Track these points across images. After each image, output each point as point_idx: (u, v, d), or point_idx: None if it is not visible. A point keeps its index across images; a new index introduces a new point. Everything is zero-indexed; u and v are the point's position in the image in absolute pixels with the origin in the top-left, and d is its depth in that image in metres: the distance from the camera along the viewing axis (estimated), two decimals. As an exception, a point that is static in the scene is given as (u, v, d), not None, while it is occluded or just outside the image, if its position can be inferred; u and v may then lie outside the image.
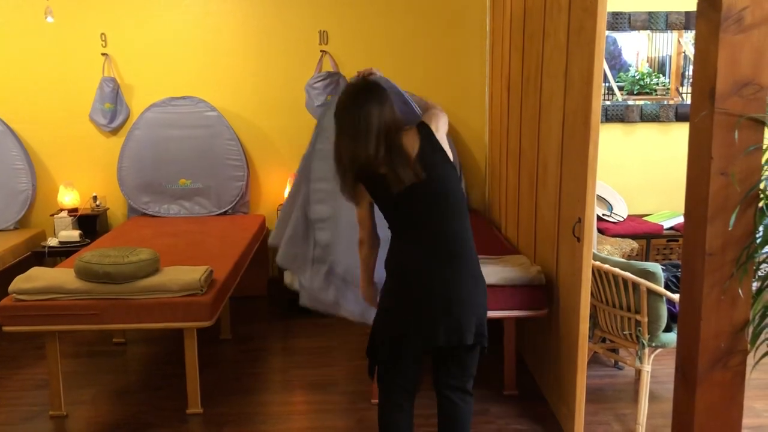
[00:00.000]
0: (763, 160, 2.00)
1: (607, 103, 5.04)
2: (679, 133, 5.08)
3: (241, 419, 3.40)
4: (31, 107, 5.14)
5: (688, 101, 4.94)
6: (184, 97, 5.09)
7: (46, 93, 5.13)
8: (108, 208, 5.27)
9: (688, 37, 4.99)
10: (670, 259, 4.72)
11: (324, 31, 5.15)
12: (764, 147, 1.99)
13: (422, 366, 2.57)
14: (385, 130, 2.36)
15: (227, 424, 3.36)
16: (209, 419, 3.41)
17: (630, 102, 5.06)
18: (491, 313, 3.34)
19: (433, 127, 2.44)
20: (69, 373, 3.86)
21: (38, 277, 3.35)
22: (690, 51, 4.98)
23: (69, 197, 5.06)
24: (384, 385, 2.58)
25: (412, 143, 2.39)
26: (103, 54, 5.10)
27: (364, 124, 2.34)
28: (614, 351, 3.65)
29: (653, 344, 3.11)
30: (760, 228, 2.01)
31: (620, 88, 5.08)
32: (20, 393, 3.71)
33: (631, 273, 3.05)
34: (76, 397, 3.63)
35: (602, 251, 3.93)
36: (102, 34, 5.08)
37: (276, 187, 5.30)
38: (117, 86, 5.13)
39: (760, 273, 2.08)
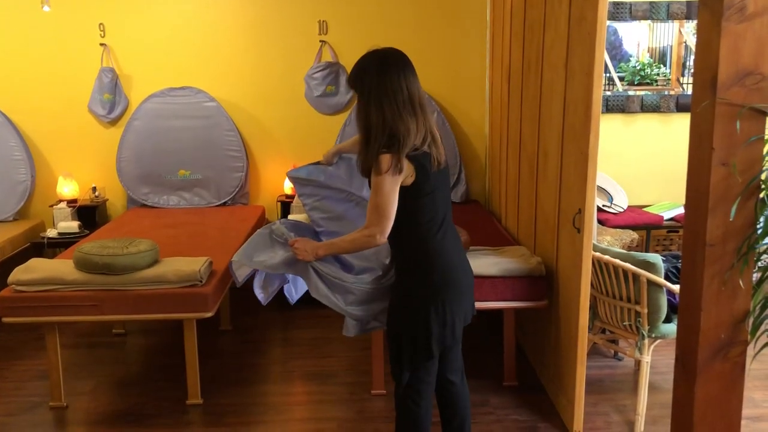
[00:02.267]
0: (765, 151, 1.99)
1: (608, 93, 5.02)
2: (680, 123, 5.06)
3: (241, 410, 3.41)
4: (30, 98, 5.12)
5: (689, 92, 4.93)
6: (183, 88, 5.08)
7: (45, 84, 5.11)
8: (107, 199, 5.26)
9: (690, 27, 4.96)
10: (671, 250, 4.72)
11: (323, 21, 5.12)
12: (766, 137, 1.98)
13: None
14: (423, 103, 2.33)
15: (227, 414, 3.36)
16: (209, 410, 3.41)
17: (631, 92, 5.04)
18: (491, 304, 3.37)
19: None
20: (69, 364, 3.86)
21: (37, 268, 3.35)
22: (691, 41, 4.96)
23: (68, 188, 5.05)
24: (430, 377, 2.50)
25: None
26: (101, 44, 5.07)
27: (413, 95, 2.28)
28: (614, 342, 3.65)
29: (653, 335, 3.11)
30: (761, 219, 2.00)
31: (621, 79, 5.06)
32: (20, 384, 3.72)
33: (631, 264, 3.05)
34: (76, 388, 3.64)
35: (602, 242, 3.92)
36: (100, 24, 5.05)
37: (275, 178, 5.29)
38: (116, 77, 5.11)
39: (760, 264, 2.07)
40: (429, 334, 2.36)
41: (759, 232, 2.00)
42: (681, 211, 4.63)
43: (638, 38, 5.03)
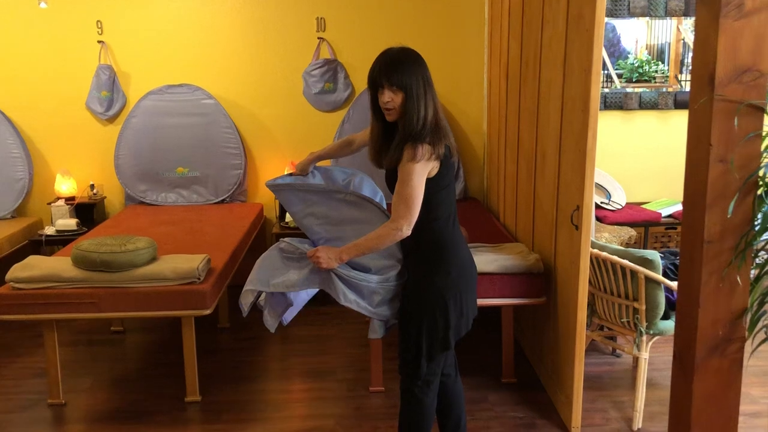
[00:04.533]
0: (763, 147, 1.99)
1: (606, 90, 5.02)
2: (678, 120, 5.07)
3: (240, 407, 3.41)
4: (28, 95, 5.11)
5: (687, 89, 4.94)
6: (180, 85, 5.07)
7: (43, 81, 5.10)
8: (105, 197, 5.25)
9: (688, 24, 4.96)
10: (669, 247, 4.72)
11: (321, 18, 5.12)
12: (764, 134, 1.98)
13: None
14: None
15: (225, 411, 3.36)
16: (207, 407, 3.41)
17: (629, 89, 5.04)
18: (490, 301, 3.37)
19: None
20: (67, 361, 3.87)
21: (35, 265, 3.35)
22: (689, 38, 4.96)
23: (66, 186, 5.05)
24: (439, 369, 2.52)
25: None
26: (99, 41, 5.06)
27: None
28: (612, 339, 3.65)
29: (651, 332, 3.11)
30: (759, 215, 2.00)
31: (619, 76, 5.06)
32: (18, 382, 3.71)
33: (630, 261, 3.05)
34: (75, 385, 3.64)
35: (600, 239, 3.93)
36: (98, 21, 5.04)
37: (274, 175, 5.26)
38: (113, 74, 5.11)
39: (758, 260, 2.08)
40: (448, 325, 2.39)
41: (757, 228, 2.00)
42: (679, 208, 4.63)
43: (636, 35, 5.03)
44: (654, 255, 3.05)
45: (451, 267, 2.39)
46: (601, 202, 4.72)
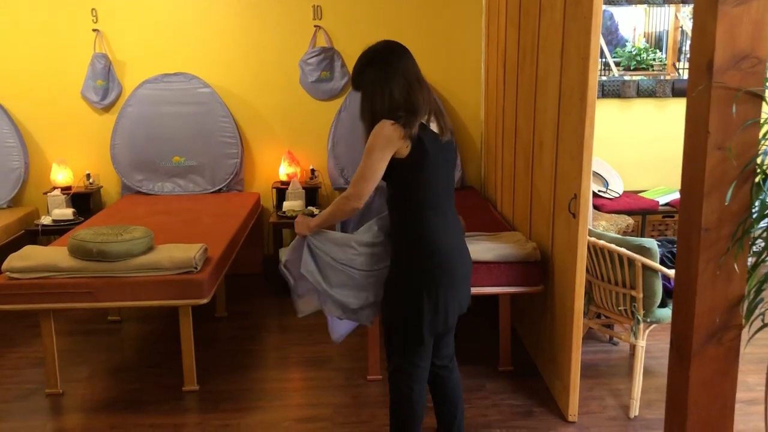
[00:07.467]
0: (761, 135, 1.98)
1: (604, 78, 5.01)
2: (676, 108, 5.06)
3: (237, 396, 3.41)
4: (22, 84, 5.08)
5: (685, 77, 4.93)
6: (176, 74, 5.04)
7: (37, 70, 5.07)
8: (101, 186, 5.24)
9: (686, 12, 4.95)
10: (666, 235, 4.73)
11: (318, 6, 5.09)
12: (762, 121, 1.98)
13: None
14: (422, 78, 2.39)
15: (223, 401, 3.37)
16: (205, 396, 3.41)
17: (626, 77, 5.03)
18: (487, 289, 3.37)
19: None
20: (64, 351, 3.87)
21: (31, 255, 3.34)
22: (687, 25, 4.94)
23: (62, 175, 5.03)
24: (422, 362, 2.49)
25: None
26: (94, 30, 5.03)
27: (416, 73, 2.34)
28: (609, 327, 3.66)
29: (648, 320, 3.12)
30: (756, 203, 2.00)
31: (617, 64, 5.04)
32: (15, 371, 3.71)
33: (627, 249, 3.05)
34: (72, 375, 3.64)
35: (598, 227, 3.93)
36: (93, 9, 5.01)
37: (270, 164, 5.27)
38: (109, 63, 5.08)
39: (755, 248, 2.07)
40: (421, 320, 2.36)
41: (754, 216, 2.00)
42: (676, 196, 4.63)
43: (634, 23, 5.02)
44: (651, 243, 3.05)
45: (427, 261, 2.34)
46: (599, 191, 4.72)
